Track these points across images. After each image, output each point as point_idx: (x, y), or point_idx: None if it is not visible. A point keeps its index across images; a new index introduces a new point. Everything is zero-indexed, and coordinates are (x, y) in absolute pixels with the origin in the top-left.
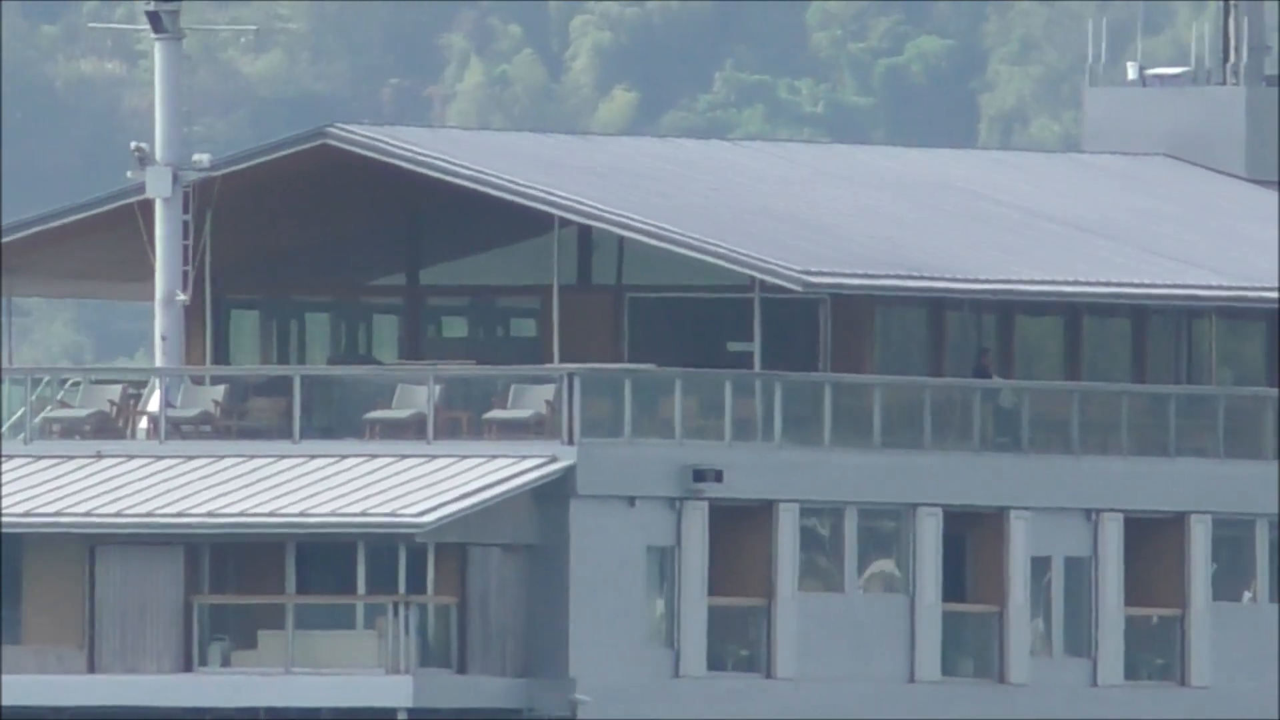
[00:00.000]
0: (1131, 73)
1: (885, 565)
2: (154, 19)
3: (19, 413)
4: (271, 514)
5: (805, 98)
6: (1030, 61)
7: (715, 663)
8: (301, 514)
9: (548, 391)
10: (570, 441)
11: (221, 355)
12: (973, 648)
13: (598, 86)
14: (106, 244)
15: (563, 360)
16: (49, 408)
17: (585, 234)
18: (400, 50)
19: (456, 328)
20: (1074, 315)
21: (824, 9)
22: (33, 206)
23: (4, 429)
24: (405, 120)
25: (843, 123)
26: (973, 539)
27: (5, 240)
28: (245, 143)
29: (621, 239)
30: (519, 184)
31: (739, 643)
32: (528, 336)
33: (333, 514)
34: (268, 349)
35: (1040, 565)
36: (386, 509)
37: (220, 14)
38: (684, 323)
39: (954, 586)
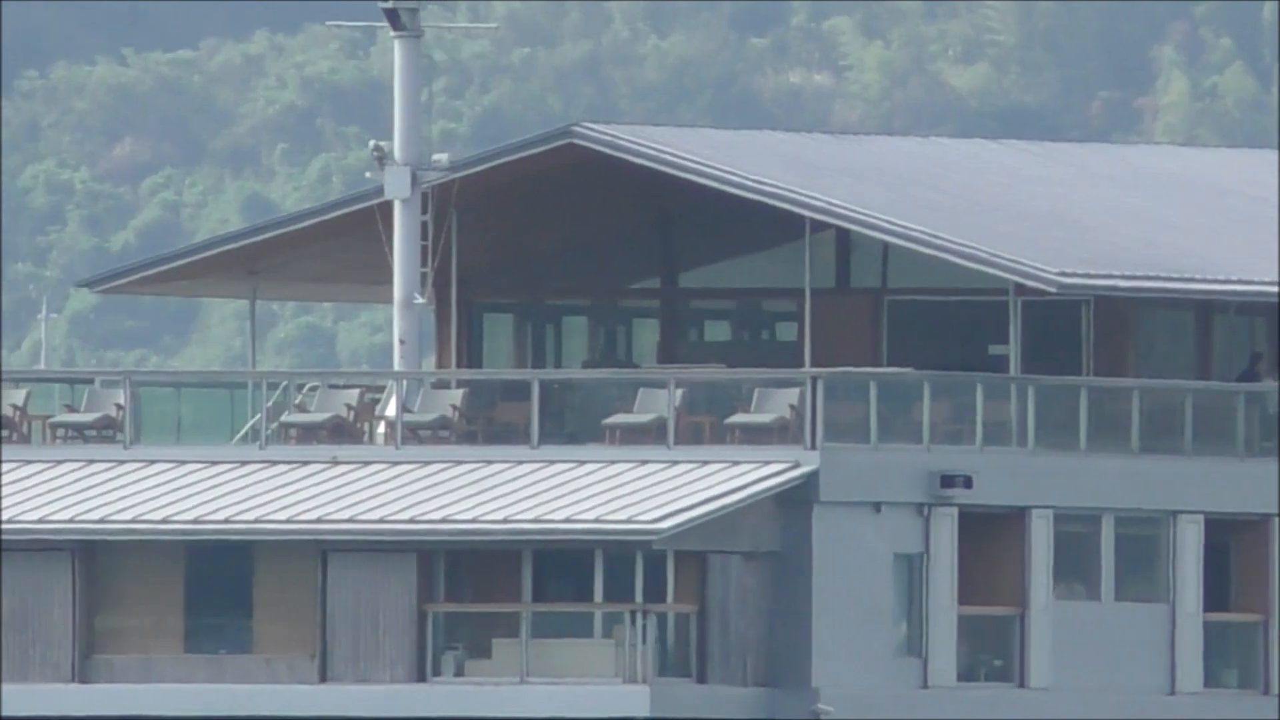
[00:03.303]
0: None
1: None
2: (392, 16)
3: (255, 417)
4: (505, 520)
5: None
6: None
7: (965, 673)
8: (536, 520)
9: (792, 395)
10: (814, 446)
11: (474, 359)
12: (1237, 658)
13: None
14: (348, 247)
15: (818, 364)
16: (286, 412)
17: (844, 236)
18: (1111, 62)
19: (719, 331)
20: None
21: None
22: None
23: (244, 432)
24: (1115, 134)
25: None
26: (1237, 547)
27: (252, 242)
28: None
29: (886, 242)
30: (771, 185)
31: (991, 652)
32: (790, 341)
33: (567, 520)
34: (522, 352)
35: None
36: (623, 515)
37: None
38: (945, 326)
39: (1217, 595)
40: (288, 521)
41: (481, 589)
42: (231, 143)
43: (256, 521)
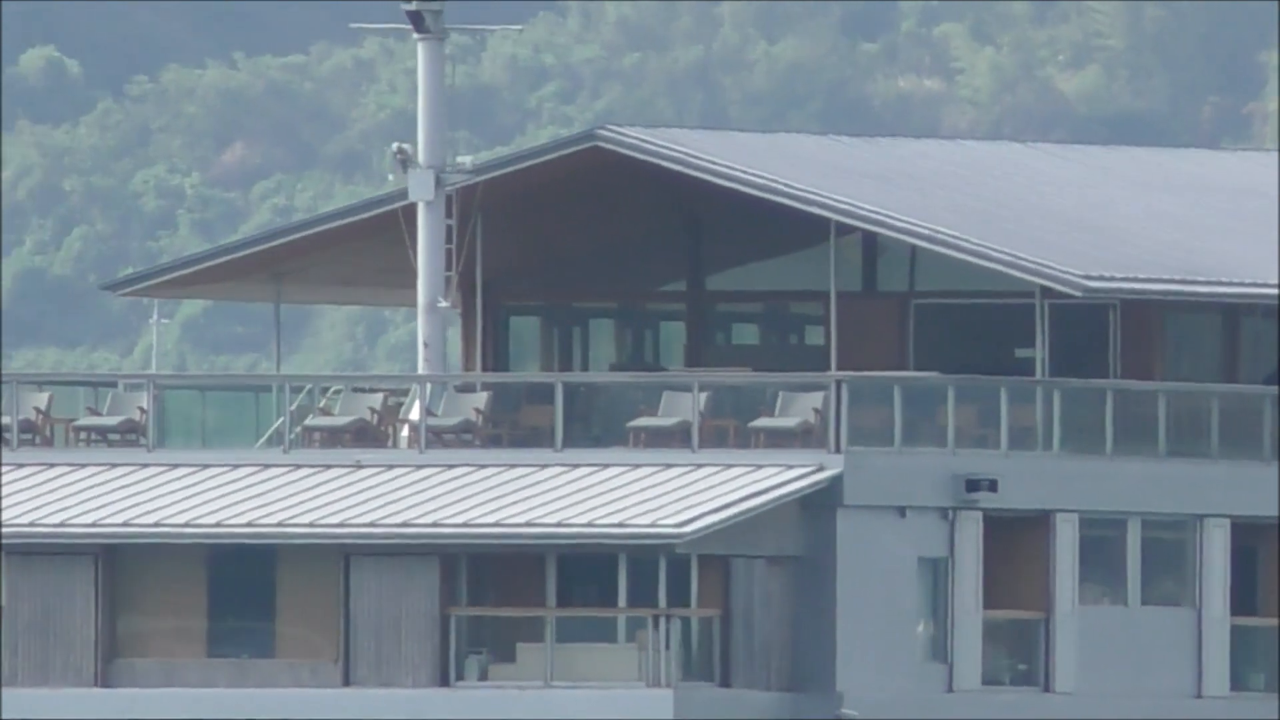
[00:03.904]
0: None
1: None
2: (415, 18)
3: (279, 421)
4: (528, 524)
5: None
6: None
7: (990, 677)
8: (559, 524)
9: (816, 399)
10: (838, 450)
11: (500, 362)
12: (1264, 662)
13: None
14: (373, 249)
15: (845, 367)
16: (310, 416)
17: (870, 240)
18: (1220, 67)
19: (747, 335)
20: None
21: None
22: None
23: (268, 435)
24: (1225, 139)
25: None
26: (1264, 551)
27: (276, 245)
28: None
29: (913, 245)
30: (797, 188)
31: (1016, 657)
32: (818, 344)
33: (590, 524)
34: (549, 356)
35: None
36: (646, 519)
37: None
38: (972, 330)
39: (1243, 599)
40: (311, 525)
41: (505, 593)
42: (343, 148)
43: (280, 525)
